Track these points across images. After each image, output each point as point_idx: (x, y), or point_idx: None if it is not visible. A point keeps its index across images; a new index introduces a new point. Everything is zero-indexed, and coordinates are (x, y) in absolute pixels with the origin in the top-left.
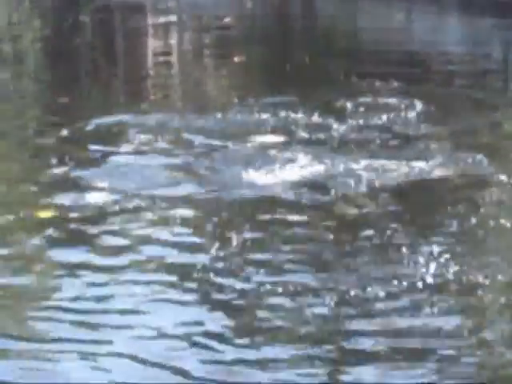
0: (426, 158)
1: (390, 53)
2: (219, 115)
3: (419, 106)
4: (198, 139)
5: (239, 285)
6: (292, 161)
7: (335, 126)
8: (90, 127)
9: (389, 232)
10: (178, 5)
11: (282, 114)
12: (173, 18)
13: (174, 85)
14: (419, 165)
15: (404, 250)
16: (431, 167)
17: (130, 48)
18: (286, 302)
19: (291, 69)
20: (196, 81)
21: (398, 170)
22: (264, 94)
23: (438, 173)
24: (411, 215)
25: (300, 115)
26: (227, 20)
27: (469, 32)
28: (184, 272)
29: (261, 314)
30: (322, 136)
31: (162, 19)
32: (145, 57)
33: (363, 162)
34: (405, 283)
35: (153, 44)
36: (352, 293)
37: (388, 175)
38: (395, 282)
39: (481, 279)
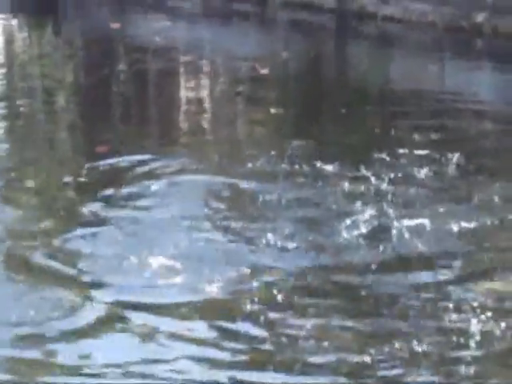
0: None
1: (425, 104)
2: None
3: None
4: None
5: None
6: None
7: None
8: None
9: None
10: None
11: (319, 165)
12: (207, 66)
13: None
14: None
15: None
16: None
17: (163, 102)
18: None
19: (329, 120)
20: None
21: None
22: (302, 144)
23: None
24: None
25: (338, 167)
26: (264, 71)
27: (501, 84)
28: None
29: None
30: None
31: (196, 66)
32: (178, 108)
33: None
34: None
35: (187, 93)
36: None
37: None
38: None
39: None
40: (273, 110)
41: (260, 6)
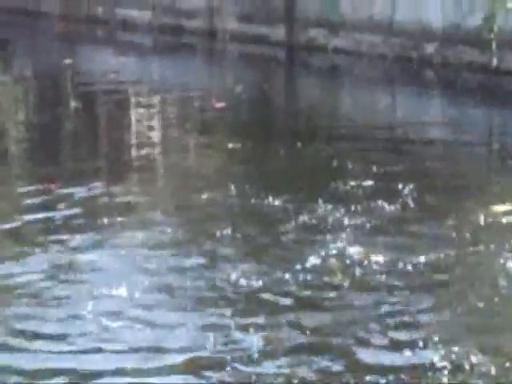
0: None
1: (375, 135)
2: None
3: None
4: None
5: None
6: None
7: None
8: None
9: None
10: (164, 87)
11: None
12: (161, 101)
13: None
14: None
15: None
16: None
17: (113, 137)
18: None
19: (286, 155)
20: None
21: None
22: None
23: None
24: None
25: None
26: (220, 105)
27: (453, 115)
28: None
29: None
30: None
31: (150, 101)
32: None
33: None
34: None
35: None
36: None
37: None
38: None
39: None
40: (230, 145)
41: (209, 39)
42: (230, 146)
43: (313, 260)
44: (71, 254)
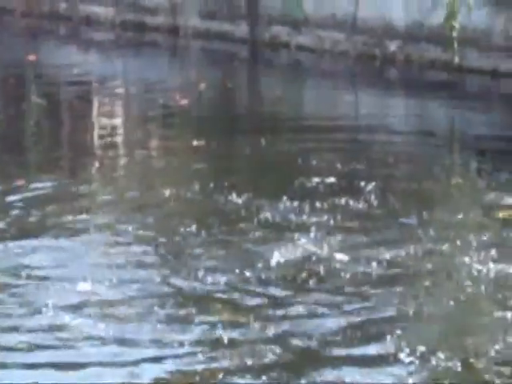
0: None
1: (338, 132)
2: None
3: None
4: None
5: None
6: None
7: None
8: None
9: None
10: (127, 84)
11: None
12: (123, 98)
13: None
14: None
15: None
16: None
17: (76, 134)
18: None
19: (250, 152)
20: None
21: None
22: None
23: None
24: None
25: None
26: (184, 102)
27: (415, 111)
28: None
29: None
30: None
31: (113, 98)
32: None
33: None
34: None
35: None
36: None
37: None
38: None
39: None
40: (195, 142)
41: (172, 35)
42: (195, 143)
43: (276, 258)
44: (33, 251)
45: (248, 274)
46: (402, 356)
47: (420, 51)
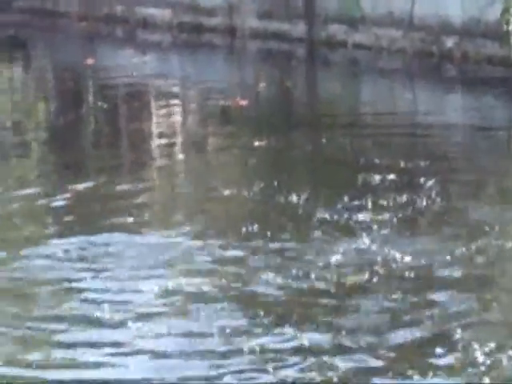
0: None
1: (397, 130)
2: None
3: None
4: None
5: None
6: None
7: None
8: None
9: None
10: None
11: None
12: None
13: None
14: None
15: None
16: None
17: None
18: None
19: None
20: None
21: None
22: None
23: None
24: None
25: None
26: (243, 102)
27: (473, 107)
28: None
29: None
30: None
31: (174, 100)
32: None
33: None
34: None
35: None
36: None
37: None
38: None
39: None
40: (256, 143)
41: (229, 36)
42: (256, 142)
43: (335, 257)
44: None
45: (307, 273)
46: (473, 356)
47: (477, 47)
